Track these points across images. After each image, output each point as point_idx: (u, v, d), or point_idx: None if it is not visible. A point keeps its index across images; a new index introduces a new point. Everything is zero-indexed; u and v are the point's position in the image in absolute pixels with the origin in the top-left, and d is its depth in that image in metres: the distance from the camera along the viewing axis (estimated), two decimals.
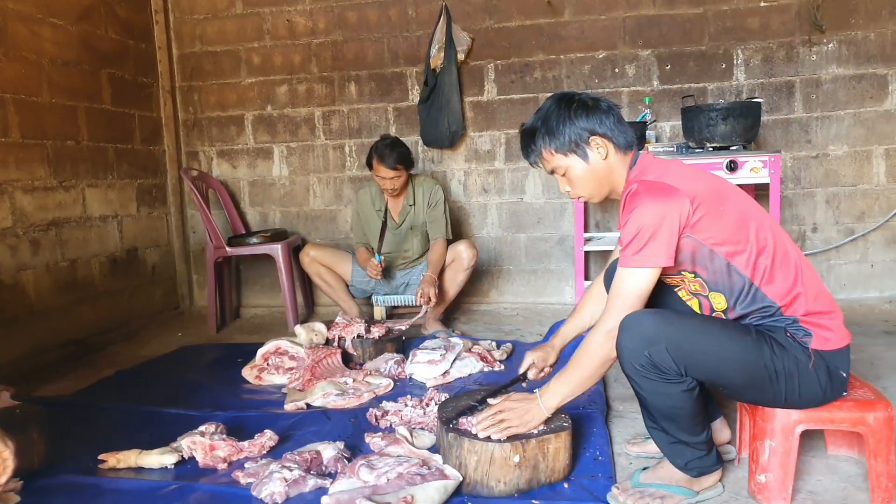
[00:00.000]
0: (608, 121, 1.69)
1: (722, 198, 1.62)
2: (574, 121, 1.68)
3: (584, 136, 1.68)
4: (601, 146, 1.69)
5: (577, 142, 1.69)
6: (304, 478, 1.76)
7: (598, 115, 1.68)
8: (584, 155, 1.70)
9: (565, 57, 3.94)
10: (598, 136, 1.68)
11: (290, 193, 4.38)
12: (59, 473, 1.93)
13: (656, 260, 1.56)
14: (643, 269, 1.57)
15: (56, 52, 3.45)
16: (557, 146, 1.70)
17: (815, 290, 1.61)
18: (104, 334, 3.64)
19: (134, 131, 4.06)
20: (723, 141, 3.14)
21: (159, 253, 4.27)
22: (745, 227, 1.60)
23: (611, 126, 1.69)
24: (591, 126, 1.68)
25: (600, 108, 1.69)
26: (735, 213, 1.61)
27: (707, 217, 1.57)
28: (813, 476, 1.81)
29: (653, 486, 1.69)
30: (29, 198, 3.24)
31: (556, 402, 1.73)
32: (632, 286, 1.59)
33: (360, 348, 2.95)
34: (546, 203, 4.07)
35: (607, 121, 1.69)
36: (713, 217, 1.58)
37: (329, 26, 4.17)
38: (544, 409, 1.73)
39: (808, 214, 3.84)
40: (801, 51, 3.72)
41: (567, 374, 1.72)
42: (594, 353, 1.65)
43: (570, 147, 1.69)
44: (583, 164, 1.71)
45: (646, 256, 1.56)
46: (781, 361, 1.56)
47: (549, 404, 1.73)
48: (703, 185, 1.62)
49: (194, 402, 2.51)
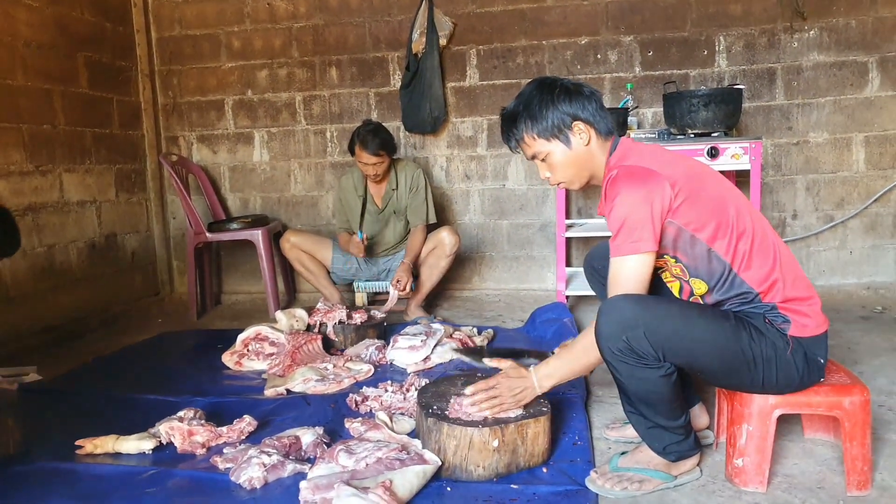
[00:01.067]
0: (590, 106, 1.68)
1: (701, 181, 1.63)
2: (557, 105, 1.66)
3: (567, 122, 1.67)
4: (583, 132, 1.68)
5: (559, 127, 1.67)
6: (282, 463, 1.76)
7: (581, 100, 1.67)
8: (566, 140, 1.69)
9: (548, 42, 3.93)
10: (581, 122, 1.67)
11: (271, 179, 4.34)
12: (35, 459, 1.92)
13: (646, 245, 1.56)
14: (637, 255, 1.57)
15: (30, 34, 3.37)
16: (539, 131, 1.69)
17: (792, 275, 1.62)
18: (83, 320, 3.60)
19: (112, 116, 4.00)
20: (704, 127, 3.15)
21: (139, 239, 4.22)
22: (724, 210, 1.60)
23: (593, 112, 1.68)
24: (574, 111, 1.67)
25: (583, 93, 1.68)
26: (714, 197, 1.61)
27: (687, 201, 1.58)
28: (790, 460, 1.83)
29: (631, 470, 1.71)
30: (3, 182, 3.19)
31: (552, 383, 1.74)
32: (628, 273, 1.59)
33: (341, 334, 2.95)
34: (528, 189, 4.07)
35: (590, 106, 1.68)
36: (693, 201, 1.58)
37: (310, 10, 4.12)
38: (538, 388, 1.74)
39: (788, 201, 3.87)
40: (783, 38, 3.73)
41: (567, 356, 1.73)
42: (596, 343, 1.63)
43: (553, 132, 1.68)
44: (564, 150, 1.70)
45: (636, 242, 1.56)
46: (759, 347, 1.57)
47: (544, 384, 1.74)
48: (681, 169, 1.63)
49: (173, 388, 2.49)
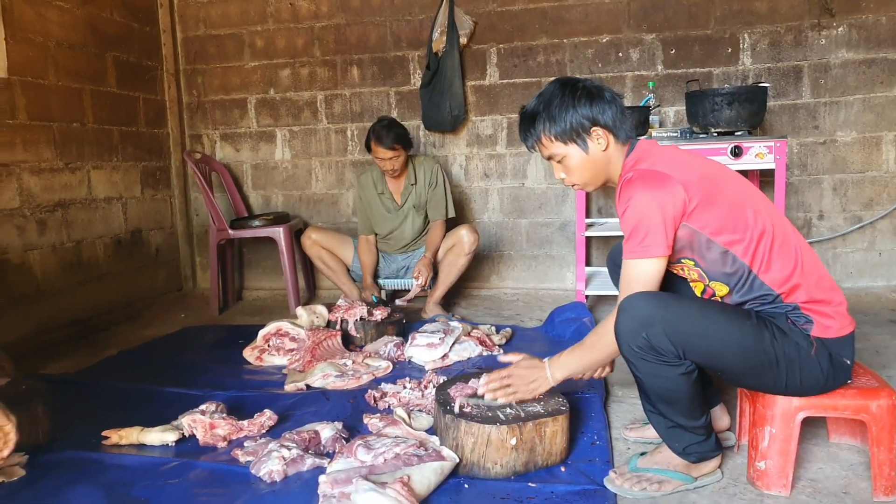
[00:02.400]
0: (611, 111, 1.66)
1: (716, 184, 1.61)
2: (577, 109, 1.65)
3: (586, 126, 1.65)
4: (602, 137, 1.67)
5: (577, 130, 1.66)
6: (302, 457, 1.78)
7: (602, 104, 1.65)
8: (583, 145, 1.67)
9: (569, 41, 3.91)
10: (600, 127, 1.66)
11: (293, 177, 4.38)
12: (63, 449, 1.96)
13: (658, 250, 1.56)
14: (648, 259, 1.57)
15: (62, 34, 3.45)
16: (557, 133, 1.67)
17: (815, 276, 1.59)
18: (108, 314, 3.67)
19: (138, 114, 4.07)
20: (727, 126, 3.11)
21: (163, 235, 4.29)
22: (742, 213, 1.58)
23: (613, 117, 1.66)
24: (594, 116, 1.65)
25: (604, 97, 1.66)
26: (730, 200, 1.60)
27: (702, 205, 1.56)
28: (814, 464, 1.80)
29: (650, 470, 1.69)
30: (35, 179, 3.26)
31: (564, 374, 1.75)
32: (640, 276, 1.58)
33: (362, 330, 2.97)
34: (548, 188, 4.06)
35: (609, 111, 1.66)
36: (708, 205, 1.57)
37: (332, 10, 4.15)
38: (551, 378, 1.75)
39: (814, 201, 3.81)
40: (810, 35, 3.67)
41: (579, 351, 1.73)
42: (609, 340, 1.64)
43: (571, 135, 1.67)
44: (581, 154, 1.69)
45: (648, 246, 1.56)
46: (782, 347, 1.55)
47: (556, 375, 1.75)
48: (696, 172, 1.61)
49: (196, 382, 2.53)
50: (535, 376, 1.77)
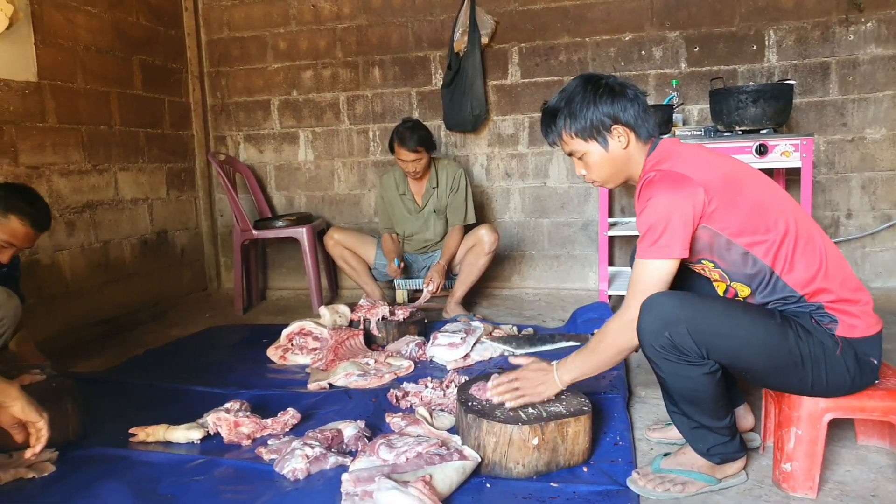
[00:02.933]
0: (633, 109, 1.65)
1: (738, 185, 1.59)
2: (598, 106, 1.64)
3: (607, 124, 1.65)
4: (622, 135, 1.66)
5: (598, 128, 1.65)
6: (325, 455, 1.79)
7: (624, 102, 1.64)
8: (604, 142, 1.67)
9: (591, 39, 3.89)
10: (621, 125, 1.65)
11: (316, 178, 4.41)
12: (92, 445, 2.00)
13: (671, 251, 1.55)
14: (660, 260, 1.56)
15: (90, 38, 3.51)
16: (578, 130, 1.67)
17: (840, 277, 1.57)
18: (134, 314, 3.73)
19: (164, 116, 4.13)
20: (752, 124, 3.07)
21: (188, 235, 4.35)
22: (764, 213, 1.56)
23: (635, 115, 1.65)
24: (615, 113, 1.64)
25: (626, 95, 1.65)
26: (753, 200, 1.58)
27: (722, 207, 1.55)
28: (841, 466, 1.77)
29: (674, 471, 1.68)
30: (65, 181, 3.33)
31: (571, 378, 1.75)
32: (649, 276, 1.58)
33: (384, 330, 2.98)
34: (570, 188, 4.04)
35: (632, 109, 1.65)
36: (728, 206, 1.55)
37: (354, 11, 4.17)
38: (559, 382, 1.75)
39: (842, 200, 3.74)
40: (838, 31, 3.61)
41: (584, 354, 1.73)
42: (612, 341, 1.65)
43: (591, 133, 1.66)
44: (601, 151, 1.68)
45: (661, 247, 1.55)
46: (807, 346, 1.53)
47: (563, 378, 1.75)
48: (718, 173, 1.60)
49: (220, 381, 2.57)
50: (542, 379, 1.77)
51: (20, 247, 2.22)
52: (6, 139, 3.00)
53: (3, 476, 1.77)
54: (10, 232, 2.16)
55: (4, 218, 2.14)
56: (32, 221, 2.19)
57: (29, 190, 2.29)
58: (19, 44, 3.05)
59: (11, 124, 3.02)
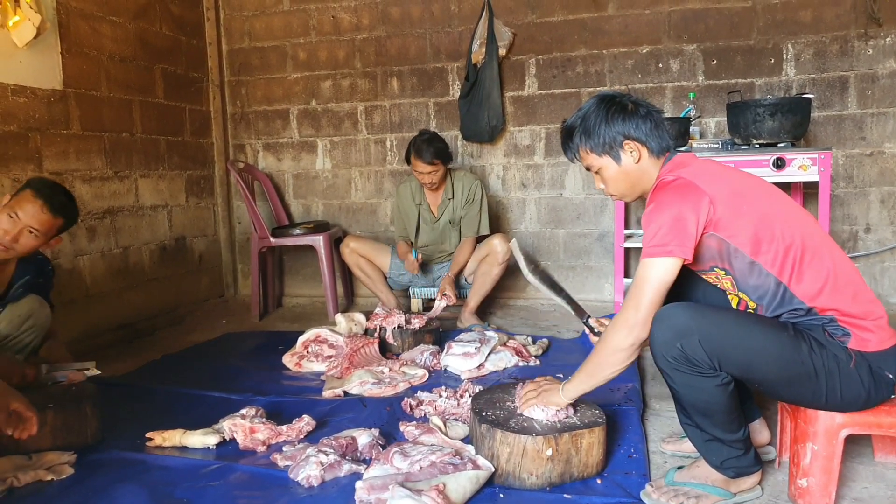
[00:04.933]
0: (644, 126, 1.70)
1: (746, 197, 1.62)
2: (610, 123, 1.71)
3: (618, 140, 1.71)
4: (634, 150, 1.71)
5: (610, 144, 1.72)
6: (339, 462, 1.80)
7: (635, 119, 1.70)
8: (616, 157, 1.73)
9: (608, 52, 3.90)
10: (632, 141, 1.71)
11: (333, 186, 4.45)
12: (109, 449, 2.03)
13: (673, 249, 1.55)
14: (661, 258, 1.57)
15: (114, 48, 3.58)
16: (592, 146, 1.74)
17: (851, 290, 1.56)
18: (153, 319, 3.77)
19: (184, 124, 4.19)
20: (770, 137, 3.06)
21: (206, 242, 4.40)
22: (770, 225, 1.57)
23: (646, 131, 1.71)
24: (626, 130, 1.70)
25: (638, 112, 1.71)
26: (759, 212, 1.59)
27: (728, 216, 1.57)
28: (858, 483, 1.76)
29: (688, 484, 1.68)
30: (87, 187, 3.39)
31: (574, 395, 1.76)
32: (650, 276, 1.58)
33: (399, 338, 2.99)
34: (586, 198, 4.04)
35: (643, 126, 1.70)
36: (734, 216, 1.57)
37: (373, 22, 4.22)
38: (563, 398, 1.77)
39: (860, 214, 3.71)
40: (857, 45, 3.59)
41: (587, 369, 1.71)
42: (615, 349, 1.62)
43: (604, 148, 1.73)
44: (615, 166, 1.74)
45: (663, 246, 1.56)
46: (820, 359, 1.52)
47: (568, 395, 1.77)
48: (728, 186, 1.62)
49: (236, 387, 2.59)
50: (549, 397, 1.79)
51: (35, 228, 2.14)
52: (31, 146, 3.06)
53: (23, 478, 1.80)
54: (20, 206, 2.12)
55: (21, 193, 2.17)
56: (44, 198, 2.14)
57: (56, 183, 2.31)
58: (46, 53, 3.12)
59: (37, 131, 3.09)
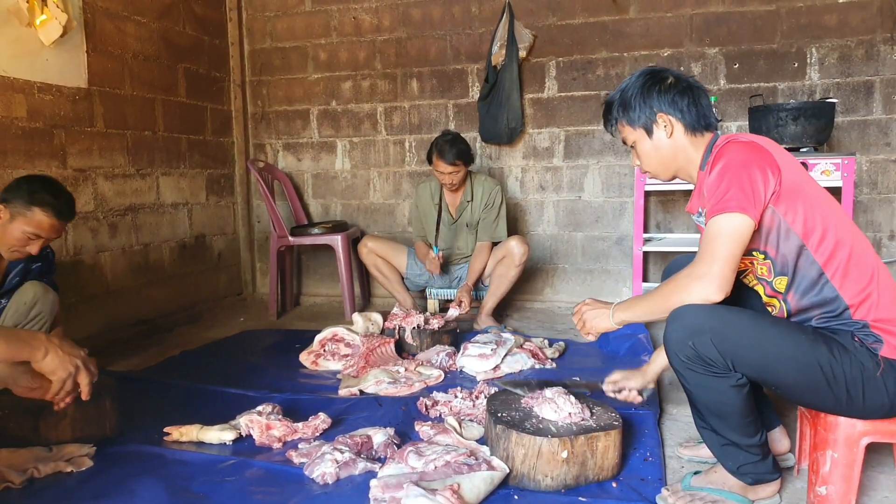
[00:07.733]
0: (681, 101, 1.68)
1: (807, 181, 1.59)
2: (646, 97, 1.70)
3: (652, 114, 1.70)
4: (667, 124, 1.69)
5: (644, 116, 1.71)
6: (354, 460, 1.81)
7: (672, 94, 1.68)
8: (650, 131, 1.72)
9: (629, 55, 3.88)
10: (666, 115, 1.69)
11: (352, 186, 4.47)
12: (128, 442, 2.05)
13: (745, 205, 1.49)
14: (733, 213, 1.50)
15: (138, 47, 3.63)
16: (628, 119, 1.74)
17: (891, 295, 1.53)
18: (172, 315, 3.82)
19: (206, 123, 4.24)
20: (792, 142, 3.03)
21: (225, 240, 4.44)
22: (827, 213, 1.55)
23: (683, 107, 1.68)
24: (660, 104, 1.69)
25: (678, 86, 1.69)
26: (818, 200, 1.56)
27: (791, 192, 1.53)
28: (879, 492, 1.73)
29: (704, 489, 1.66)
30: (109, 184, 3.43)
31: (624, 317, 1.73)
32: (724, 228, 1.50)
33: (417, 338, 3.00)
34: (605, 202, 4.02)
35: (681, 101, 1.68)
36: (796, 193, 1.53)
37: (394, 23, 4.24)
38: (612, 319, 1.75)
39: (885, 220, 3.65)
40: (882, 49, 3.54)
41: (645, 297, 1.70)
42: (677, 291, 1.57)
43: (638, 121, 1.72)
44: (648, 140, 1.73)
45: (731, 200, 1.50)
46: (841, 365, 1.49)
47: (617, 316, 1.75)
48: (791, 162, 1.59)
49: (253, 384, 2.61)
50: (598, 314, 1.79)
51: (48, 237, 2.24)
52: (56, 143, 3.11)
53: (43, 469, 1.82)
54: (37, 224, 2.19)
55: (29, 211, 2.18)
56: (56, 213, 2.22)
57: (51, 181, 2.32)
58: (72, 51, 3.17)
59: (62, 129, 3.14)
